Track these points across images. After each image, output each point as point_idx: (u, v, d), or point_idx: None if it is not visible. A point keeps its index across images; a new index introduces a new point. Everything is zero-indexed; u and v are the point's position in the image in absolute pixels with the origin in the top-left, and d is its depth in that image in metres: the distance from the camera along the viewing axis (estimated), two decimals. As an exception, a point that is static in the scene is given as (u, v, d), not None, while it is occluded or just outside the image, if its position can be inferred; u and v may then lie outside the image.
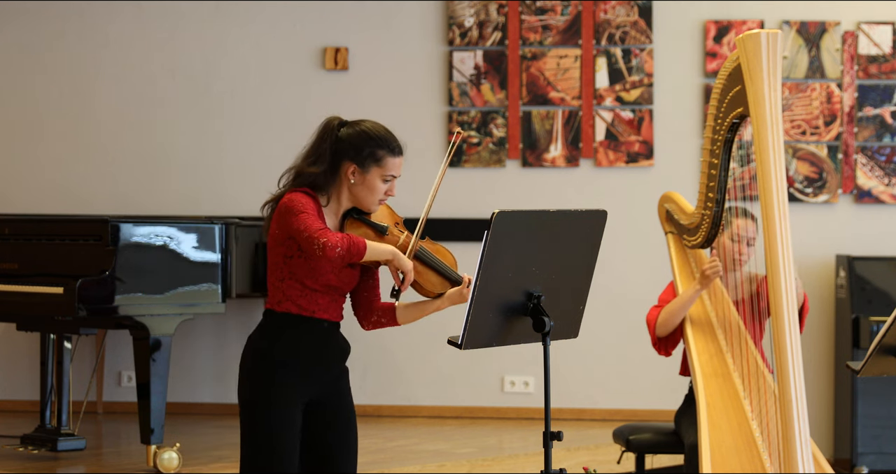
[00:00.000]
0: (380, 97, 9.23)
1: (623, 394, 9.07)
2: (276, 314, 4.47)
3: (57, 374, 7.38)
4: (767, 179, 5.10)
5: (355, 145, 4.52)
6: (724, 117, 5.41)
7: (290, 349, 4.46)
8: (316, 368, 4.51)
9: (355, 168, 4.49)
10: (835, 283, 8.86)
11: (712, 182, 5.58)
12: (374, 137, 4.54)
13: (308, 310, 4.45)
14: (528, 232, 4.33)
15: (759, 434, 5.46)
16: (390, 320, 4.63)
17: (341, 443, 4.57)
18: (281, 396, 4.43)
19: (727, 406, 5.59)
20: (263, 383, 4.45)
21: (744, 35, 5.13)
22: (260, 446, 4.43)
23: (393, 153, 4.54)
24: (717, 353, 5.80)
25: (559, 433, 4.37)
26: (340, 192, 4.53)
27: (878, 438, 8.41)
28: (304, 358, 4.47)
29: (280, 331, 4.47)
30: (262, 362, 4.47)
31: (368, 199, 4.52)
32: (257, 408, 4.44)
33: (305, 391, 4.48)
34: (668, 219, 6.22)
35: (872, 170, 9.00)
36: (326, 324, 4.51)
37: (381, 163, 4.51)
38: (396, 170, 4.54)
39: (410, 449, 7.88)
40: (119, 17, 9.38)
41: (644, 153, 9.09)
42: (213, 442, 7.95)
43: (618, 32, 9.10)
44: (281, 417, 4.43)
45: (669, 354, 6.10)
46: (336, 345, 4.56)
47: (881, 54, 9.01)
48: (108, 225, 6.87)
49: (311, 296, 4.45)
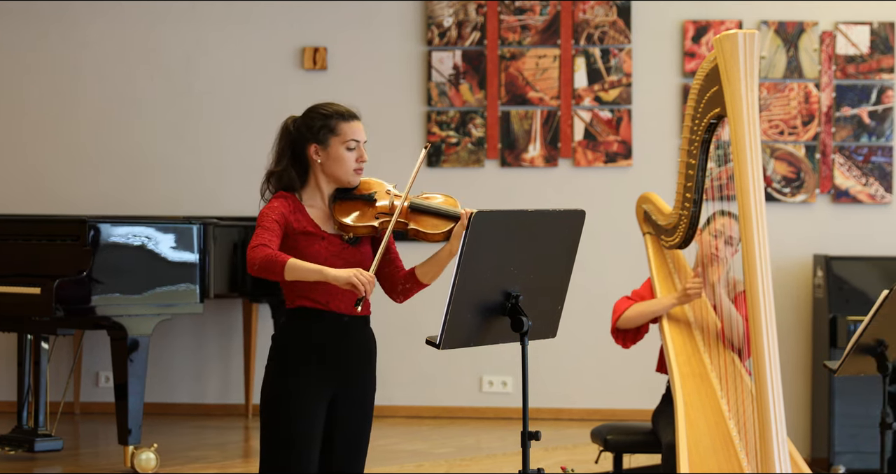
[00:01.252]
0: (359, 97, 9.15)
1: (601, 394, 9.08)
2: (292, 311, 4.51)
3: (34, 375, 7.35)
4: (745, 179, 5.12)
5: (308, 126, 4.55)
6: (702, 117, 5.42)
7: (306, 344, 4.49)
8: (334, 365, 4.52)
9: (316, 147, 4.52)
10: (812, 283, 8.88)
11: (690, 182, 5.59)
12: (321, 112, 4.57)
13: (322, 302, 4.47)
14: (506, 232, 4.34)
15: (737, 433, 5.47)
16: (415, 284, 4.63)
17: (350, 443, 4.59)
18: (299, 391, 4.46)
19: (704, 405, 5.60)
20: (282, 379, 4.48)
21: (721, 35, 5.14)
22: (279, 441, 4.46)
23: (345, 118, 4.56)
24: (695, 353, 5.82)
25: (537, 433, 4.37)
26: (317, 179, 4.55)
27: (855, 437, 8.44)
28: (320, 354, 4.49)
29: (296, 327, 4.50)
30: (286, 361, 4.50)
31: (341, 172, 4.53)
32: (276, 404, 4.48)
33: (324, 388, 4.51)
34: (646, 220, 6.22)
35: (850, 170, 9.03)
36: (347, 318, 4.52)
37: (336, 131, 4.53)
38: (357, 134, 4.56)
39: (388, 448, 7.88)
40: (98, 17, 9.36)
41: (622, 153, 9.10)
42: (190, 442, 7.94)
43: (596, 32, 9.11)
44: (299, 412, 4.46)
45: (628, 347, 6.11)
46: (359, 340, 4.58)
47: (859, 54, 9.04)
48: (85, 225, 6.85)
49: (322, 287, 4.43)
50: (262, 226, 4.39)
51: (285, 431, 4.46)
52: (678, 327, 5.92)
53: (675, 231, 5.77)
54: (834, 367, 5.84)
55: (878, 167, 9.03)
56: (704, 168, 5.53)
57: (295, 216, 4.47)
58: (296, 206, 4.49)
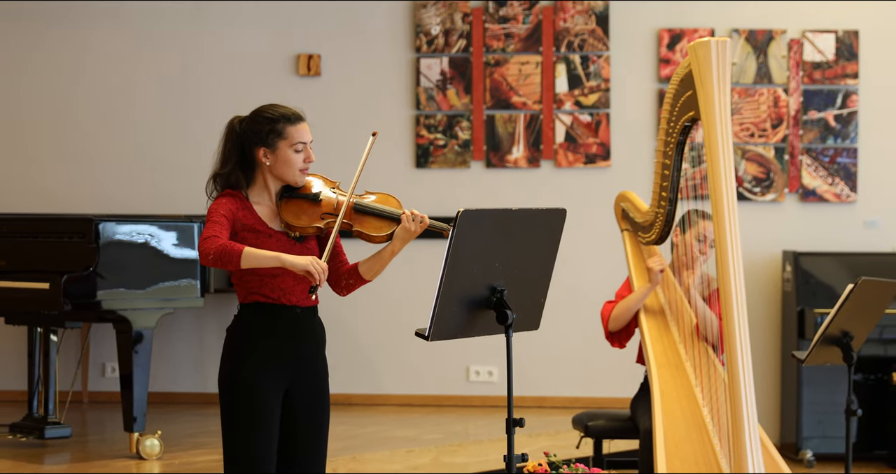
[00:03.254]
0: (351, 102, 9.22)
1: (582, 383, 9.09)
2: (246, 306, 4.47)
3: (44, 366, 7.35)
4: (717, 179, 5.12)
5: (254, 130, 4.49)
6: (677, 121, 5.42)
7: (262, 336, 4.44)
8: (291, 355, 4.48)
9: (265, 150, 4.47)
10: (781, 277, 8.89)
11: (665, 182, 5.59)
12: (268, 116, 4.51)
13: (273, 296, 4.43)
14: (491, 229, 4.33)
15: (710, 420, 5.48)
16: (358, 279, 4.56)
17: (313, 429, 4.54)
18: (258, 380, 4.42)
19: (680, 394, 5.61)
20: (241, 369, 4.43)
21: (695, 43, 5.15)
22: (239, 427, 4.41)
23: (291, 121, 4.50)
24: (671, 345, 5.82)
25: (521, 420, 4.37)
26: (265, 178, 4.50)
27: (822, 423, 8.45)
28: (278, 345, 4.45)
29: (251, 321, 4.46)
30: (238, 350, 4.46)
31: (289, 173, 4.48)
32: (236, 392, 4.43)
33: (282, 376, 4.46)
34: (623, 217, 6.23)
35: (817, 171, 9.03)
36: (299, 310, 4.48)
37: (283, 135, 4.48)
38: (303, 136, 4.51)
39: (380, 435, 7.88)
40: (100, 23, 9.34)
41: (601, 154, 9.10)
42: (192, 429, 7.93)
43: (576, 40, 9.11)
44: (260, 398, 4.41)
45: (624, 346, 6.11)
46: (310, 330, 4.53)
47: (825, 61, 9.04)
48: (91, 223, 6.85)
49: (272, 283, 4.42)
50: (212, 221, 4.34)
51: (245, 415, 4.40)
52: (656, 321, 5.93)
53: (652, 228, 5.78)
54: (802, 357, 5.85)
55: (844, 168, 9.04)
56: (679, 168, 5.54)
57: (242, 213, 4.42)
58: (242, 204, 4.44)
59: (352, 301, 8.96)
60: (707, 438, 5.40)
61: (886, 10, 9.07)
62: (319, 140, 9.46)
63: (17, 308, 7.21)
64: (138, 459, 6.90)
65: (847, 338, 5.81)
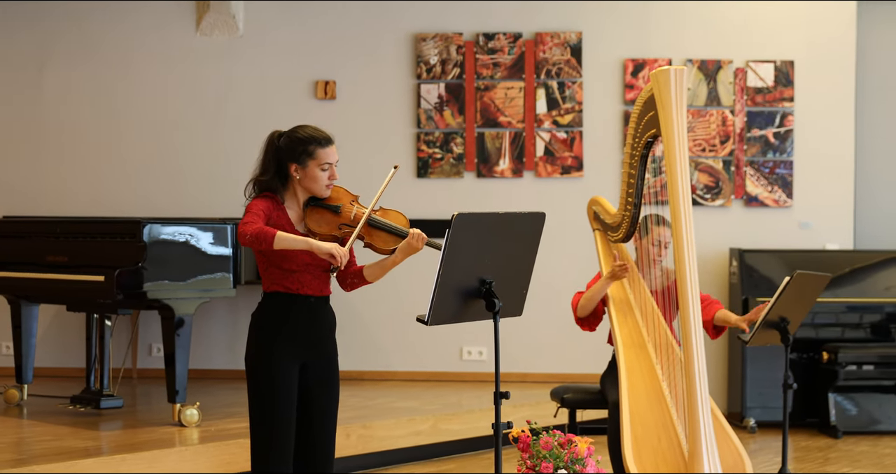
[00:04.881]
0: (361, 121, 9.21)
1: (558, 361, 9.07)
2: (269, 294, 4.47)
3: (99, 347, 7.34)
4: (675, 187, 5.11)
5: (291, 149, 4.48)
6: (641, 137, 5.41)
7: (282, 321, 4.44)
8: (305, 337, 4.47)
9: (297, 166, 4.47)
10: (728, 271, 8.88)
11: (631, 189, 5.58)
12: (303, 138, 4.50)
13: (293, 288, 4.43)
14: (481, 230, 4.32)
15: (668, 392, 5.47)
16: (361, 280, 4.56)
17: (325, 403, 4.54)
18: (278, 357, 4.41)
19: (643, 370, 5.60)
20: (263, 348, 4.43)
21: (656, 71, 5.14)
22: (264, 396, 4.41)
23: (321, 145, 4.49)
24: (635, 328, 5.81)
25: (507, 393, 4.36)
26: (295, 188, 4.50)
27: (762, 395, 8.45)
28: (294, 329, 4.44)
29: (273, 308, 4.45)
30: (261, 332, 4.45)
31: (316, 187, 4.48)
32: (260, 367, 4.43)
33: (298, 355, 4.45)
34: (595, 219, 6.21)
35: (759, 180, 9.02)
36: (313, 299, 4.47)
37: (314, 156, 4.47)
38: (330, 157, 4.49)
39: (387, 406, 7.87)
40: (150, 56, 9.33)
41: (575, 166, 9.08)
42: (226, 400, 7.92)
43: (554, 68, 9.09)
44: (279, 372, 4.41)
45: (594, 329, 6.08)
46: (322, 317, 4.52)
47: (765, 86, 9.03)
48: (140, 225, 6.83)
49: (292, 277, 4.42)
50: (251, 212, 4.34)
51: (268, 386, 4.40)
52: (622, 307, 5.91)
53: (619, 228, 5.77)
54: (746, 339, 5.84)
55: (781, 178, 9.03)
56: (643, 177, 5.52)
57: (276, 213, 4.43)
58: (277, 206, 4.45)
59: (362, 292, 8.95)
60: (665, 408, 5.39)
61: (818, 42, 9.06)
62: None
63: (77, 297, 7.20)
64: (180, 426, 6.89)
65: (784, 323, 5.81)
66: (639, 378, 5.54)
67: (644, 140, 5.40)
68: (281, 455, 4.42)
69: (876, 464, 7.28)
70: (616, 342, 5.75)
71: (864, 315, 8.56)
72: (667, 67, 5.10)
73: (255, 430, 4.45)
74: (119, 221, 7.30)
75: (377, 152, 9.13)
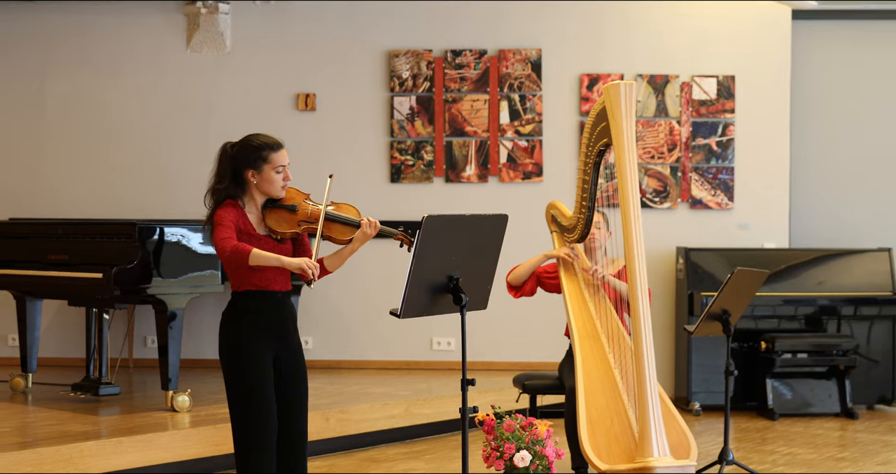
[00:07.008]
0: (339, 131, 9.21)
1: (521, 350, 9.09)
2: (239, 293, 4.43)
3: (98, 338, 7.31)
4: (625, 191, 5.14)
5: (246, 156, 4.45)
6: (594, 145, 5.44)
7: (256, 316, 4.41)
8: (276, 329, 4.44)
9: (253, 171, 4.44)
10: (675, 268, 8.93)
11: (585, 194, 5.61)
12: (257, 146, 4.47)
13: (262, 285, 4.40)
14: (450, 230, 4.34)
15: (620, 379, 5.49)
16: (322, 271, 4.48)
17: (296, 392, 4.51)
18: (257, 351, 4.39)
19: (596, 358, 5.62)
20: (237, 344, 4.41)
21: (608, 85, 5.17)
22: (241, 391, 4.38)
23: (274, 150, 4.47)
24: (589, 320, 5.83)
25: (473, 380, 4.37)
26: (252, 193, 4.47)
27: (707, 381, 8.49)
28: (267, 322, 4.42)
29: (244, 305, 4.42)
30: (239, 329, 4.42)
31: (272, 189, 4.45)
32: (236, 363, 4.40)
33: (272, 347, 4.43)
34: (553, 221, 6.24)
35: (703, 185, 9.07)
36: (280, 294, 4.46)
37: (269, 161, 4.45)
38: (283, 160, 4.47)
39: (363, 392, 7.87)
40: (142, 72, 9.30)
41: (536, 172, 9.11)
42: (215, 388, 7.90)
43: (516, 82, 9.11)
44: (259, 367, 4.38)
45: (517, 297, 6.20)
46: (288, 309, 4.50)
47: (709, 99, 9.09)
48: (135, 226, 6.81)
49: (260, 273, 4.38)
50: (223, 225, 4.31)
51: (248, 374, 4.37)
52: (577, 301, 5.94)
53: (575, 229, 5.80)
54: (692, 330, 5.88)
55: (723, 183, 9.08)
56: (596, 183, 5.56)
57: (242, 220, 4.40)
58: (241, 212, 4.42)
59: (340, 287, 8.96)
60: (617, 393, 5.42)
61: (756, 59, 9.12)
62: (314, 160, 9.48)
63: (77, 293, 7.17)
64: (172, 411, 6.87)
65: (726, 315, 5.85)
66: (593, 366, 5.57)
67: (597, 148, 5.43)
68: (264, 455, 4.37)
69: (809, 444, 7.35)
70: (572, 333, 5.78)
71: (799, 307, 8.63)
72: (618, 82, 5.13)
73: (238, 430, 4.41)
74: (116, 223, 7.28)
75: (353, 159, 9.14)
